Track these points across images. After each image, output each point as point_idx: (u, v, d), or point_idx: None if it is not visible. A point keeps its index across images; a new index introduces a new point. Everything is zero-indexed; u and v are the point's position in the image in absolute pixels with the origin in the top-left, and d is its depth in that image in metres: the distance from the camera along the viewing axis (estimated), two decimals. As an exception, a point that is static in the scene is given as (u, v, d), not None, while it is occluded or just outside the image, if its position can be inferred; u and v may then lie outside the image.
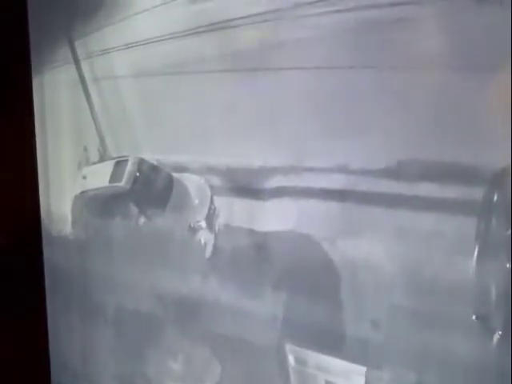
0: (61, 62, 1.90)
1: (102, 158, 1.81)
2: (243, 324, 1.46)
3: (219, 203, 1.52)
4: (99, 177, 1.77)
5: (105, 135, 1.81)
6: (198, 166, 1.56)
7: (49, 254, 2.00)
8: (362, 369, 1.24)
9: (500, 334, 1.04)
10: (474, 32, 1.05)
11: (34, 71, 1.94)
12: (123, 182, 1.67)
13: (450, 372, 1.12)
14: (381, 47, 1.17)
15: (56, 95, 1.94)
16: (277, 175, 1.37)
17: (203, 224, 1.55)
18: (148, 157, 1.67)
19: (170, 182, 1.63)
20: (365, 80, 1.20)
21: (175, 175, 1.63)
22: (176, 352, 1.66)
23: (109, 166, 1.74)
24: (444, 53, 1.10)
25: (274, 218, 1.40)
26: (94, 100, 1.82)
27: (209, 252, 1.54)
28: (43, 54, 1.94)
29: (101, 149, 1.81)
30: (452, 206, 1.09)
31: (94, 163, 1.84)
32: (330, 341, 1.29)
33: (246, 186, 1.44)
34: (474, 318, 1.07)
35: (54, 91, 1.95)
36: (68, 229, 1.96)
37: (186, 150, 1.60)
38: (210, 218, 1.54)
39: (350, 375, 1.27)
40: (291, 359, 1.38)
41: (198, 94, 1.53)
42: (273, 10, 1.33)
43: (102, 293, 1.87)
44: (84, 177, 1.85)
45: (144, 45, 1.63)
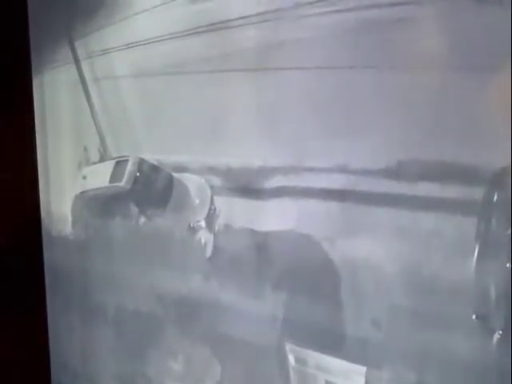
0: (61, 62, 1.90)
1: (103, 157, 1.81)
2: (243, 324, 1.47)
3: (219, 203, 1.52)
4: (99, 177, 1.77)
5: (105, 135, 1.81)
6: (198, 166, 1.56)
7: (49, 254, 2.00)
8: (362, 369, 1.24)
9: (500, 333, 1.04)
10: (474, 32, 1.05)
11: (34, 71, 1.94)
12: (123, 182, 1.67)
13: (450, 372, 1.12)
14: (381, 47, 1.17)
15: (56, 95, 1.94)
16: (277, 175, 1.37)
17: (203, 224, 1.56)
18: (148, 157, 1.67)
19: (170, 182, 1.63)
20: (365, 80, 1.20)
21: (175, 175, 1.63)
22: (176, 352, 1.66)
23: (109, 165, 1.74)
24: (444, 53, 1.10)
25: (274, 217, 1.40)
26: (94, 100, 1.82)
27: (209, 252, 1.54)
28: (43, 53, 1.94)
29: (101, 149, 1.81)
30: (452, 206, 1.09)
31: (94, 163, 1.84)
32: (330, 340, 1.30)
33: (246, 186, 1.44)
34: (474, 317, 1.07)
35: (54, 91, 1.95)
36: (68, 229, 1.96)
37: (186, 150, 1.60)
38: (210, 218, 1.54)
39: (350, 375, 1.27)
40: (291, 359, 1.38)
41: (198, 94, 1.53)
42: (273, 10, 1.33)
43: (102, 293, 1.87)
44: (84, 177, 1.85)
45: (144, 45, 1.63)
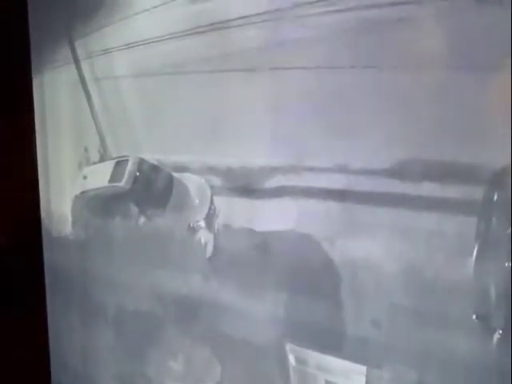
0: (61, 62, 1.90)
1: (103, 157, 1.81)
2: (243, 324, 1.47)
3: (219, 203, 1.52)
4: (99, 177, 1.77)
5: (105, 135, 1.81)
6: (198, 166, 1.56)
7: (49, 254, 2.00)
8: (363, 368, 1.24)
9: (500, 333, 1.04)
10: (474, 32, 1.05)
11: (34, 71, 1.94)
12: (123, 182, 1.67)
13: (450, 371, 1.12)
14: (381, 47, 1.18)
15: (56, 95, 1.94)
16: (277, 175, 1.37)
17: (203, 224, 1.56)
18: (148, 157, 1.67)
19: (170, 181, 1.63)
20: (365, 80, 1.20)
21: (175, 175, 1.63)
22: (176, 352, 1.66)
23: (109, 165, 1.74)
24: (444, 53, 1.10)
25: (274, 217, 1.40)
26: (95, 100, 1.82)
27: (209, 252, 1.54)
28: (43, 53, 1.93)
29: (101, 149, 1.81)
30: (452, 206, 1.10)
31: (94, 163, 1.84)
32: (331, 340, 1.30)
33: (246, 186, 1.44)
34: (474, 317, 1.07)
35: (54, 91, 1.95)
36: (68, 229, 1.95)
37: (186, 149, 1.60)
38: (210, 218, 1.54)
39: (350, 375, 1.27)
40: (291, 359, 1.38)
41: (198, 93, 1.53)
42: (273, 10, 1.33)
43: (102, 293, 1.87)
44: (84, 177, 1.85)
45: (144, 45, 1.63)
